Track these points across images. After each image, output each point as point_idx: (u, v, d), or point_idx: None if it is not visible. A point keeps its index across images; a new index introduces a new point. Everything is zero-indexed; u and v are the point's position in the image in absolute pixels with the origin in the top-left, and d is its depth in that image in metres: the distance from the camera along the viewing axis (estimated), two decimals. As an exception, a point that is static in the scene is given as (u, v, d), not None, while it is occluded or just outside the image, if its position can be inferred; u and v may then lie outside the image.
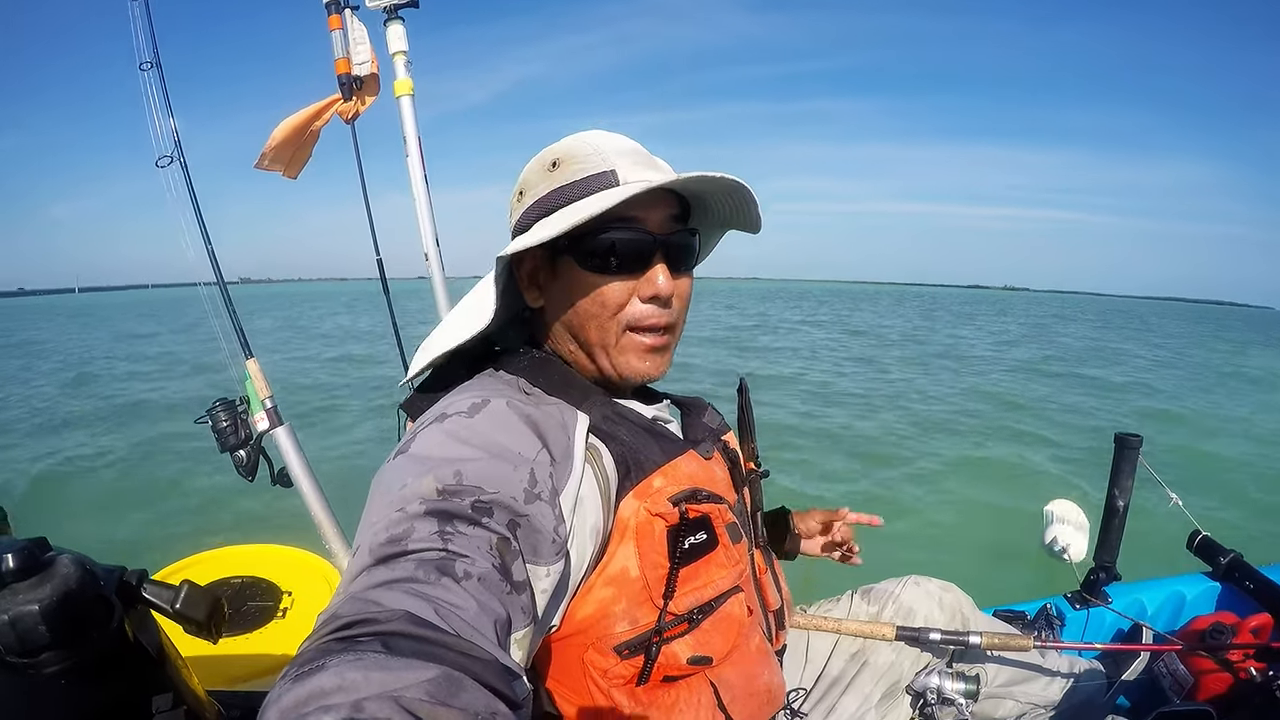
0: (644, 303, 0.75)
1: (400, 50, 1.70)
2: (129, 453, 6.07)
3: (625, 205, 0.70)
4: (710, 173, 0.72)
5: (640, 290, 0.74)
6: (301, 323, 23.32)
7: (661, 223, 0.75)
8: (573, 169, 0.75)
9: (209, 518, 4.36)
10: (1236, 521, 4.43)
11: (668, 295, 0.74)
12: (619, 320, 0.75)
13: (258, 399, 1.71)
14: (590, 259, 0.73)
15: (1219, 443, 6.88)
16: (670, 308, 0.76)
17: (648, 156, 0.78)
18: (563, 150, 0.77)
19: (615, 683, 0.69)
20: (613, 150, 0.76)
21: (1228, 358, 16.56)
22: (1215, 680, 1.33)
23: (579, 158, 0.76)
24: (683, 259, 0.78)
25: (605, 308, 0.74)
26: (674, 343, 0.80)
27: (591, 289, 0.74)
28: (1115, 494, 1.61)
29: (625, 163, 0.74)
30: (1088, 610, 1.64)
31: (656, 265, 0.74)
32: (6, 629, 0.50)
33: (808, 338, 17.65)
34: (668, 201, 0.76)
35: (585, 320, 0.76)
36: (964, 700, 1.15)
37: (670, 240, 0.75)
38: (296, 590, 1.50)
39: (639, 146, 0.79)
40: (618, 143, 0.78)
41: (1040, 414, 7.89)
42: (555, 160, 0.77)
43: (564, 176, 0.75)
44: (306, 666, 0.35)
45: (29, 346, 16.93)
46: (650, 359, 0.77)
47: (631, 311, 0.75)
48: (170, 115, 1.71)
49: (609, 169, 0.74)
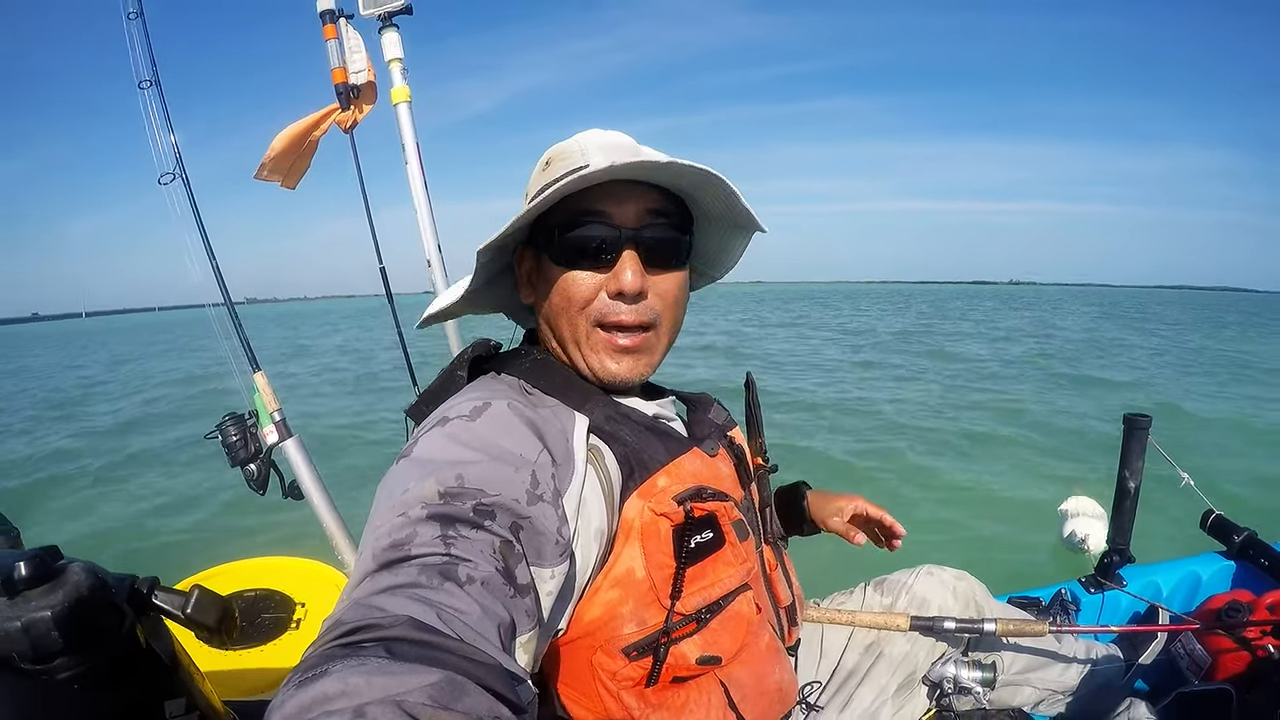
0: (611, 299, 0.73)
1: (396, 58, 1.71)
2: (138, 469, 6.10)
3: (594, 199, 0.71)
4: (659, 156, 0.69)
5: (608, 286, 0.73)
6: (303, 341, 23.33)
7: (635, 216, 0.73)
8: (557, 166, 0.76)
9: (220, 533, 4.38)
10: (1250, 498, 4.40)
11: (634, 291, 0.72)
12: (586, 315, 0.74)
13: (266, 412, 1.72)
14: (560, 254, 0.73)
15: (1227, 420, 6.85)
16: (641, 304, 0.74)
17: (632, 149, 0.77)
18: (555, 149, 0.79)
19: (624, 685, 0.69)
20: (594, 145, 0.76)
21: (1233, 343, 16.40)
22: (1233, 659, 1.32)
23: (565, 155, 0.77)
24: (661, 254, 0.75)
25: (572, 302, 0.74)
26: (658, 344, 0.78)
27: (561, 283, 0.74)
28: (1126, 475, 1.60)
29: (600, 156, 0.73)
30: (1102, 594, 1.63)
31: (625, 260, 0.72)
32: (20, 635, 0.51)
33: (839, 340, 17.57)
34: (644, 196, 0.74)
35: (558, 315, 0.76)
36: (981, 688, 1.14)
37: (641, 234, 0.73)
38: (310, 602, 1.50)
39: (627, 141, 0.79)
40: (604, 138, 0.78)
41: (1050, 406, 7.85)
42: (548, 159, 0.78)
43: (550, 174, 0.75)
44: (310, 672, 0.35)
45: (29, 372, 17.07)
46: (622, 359, 0.75)
47: (598, 306, 0.74)
48: (171, 132, 1.73)
49: (584, 164, 0.73)
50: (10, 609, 0.51)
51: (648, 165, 0.68)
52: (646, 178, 0.72)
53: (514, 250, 0.81)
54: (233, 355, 1.77)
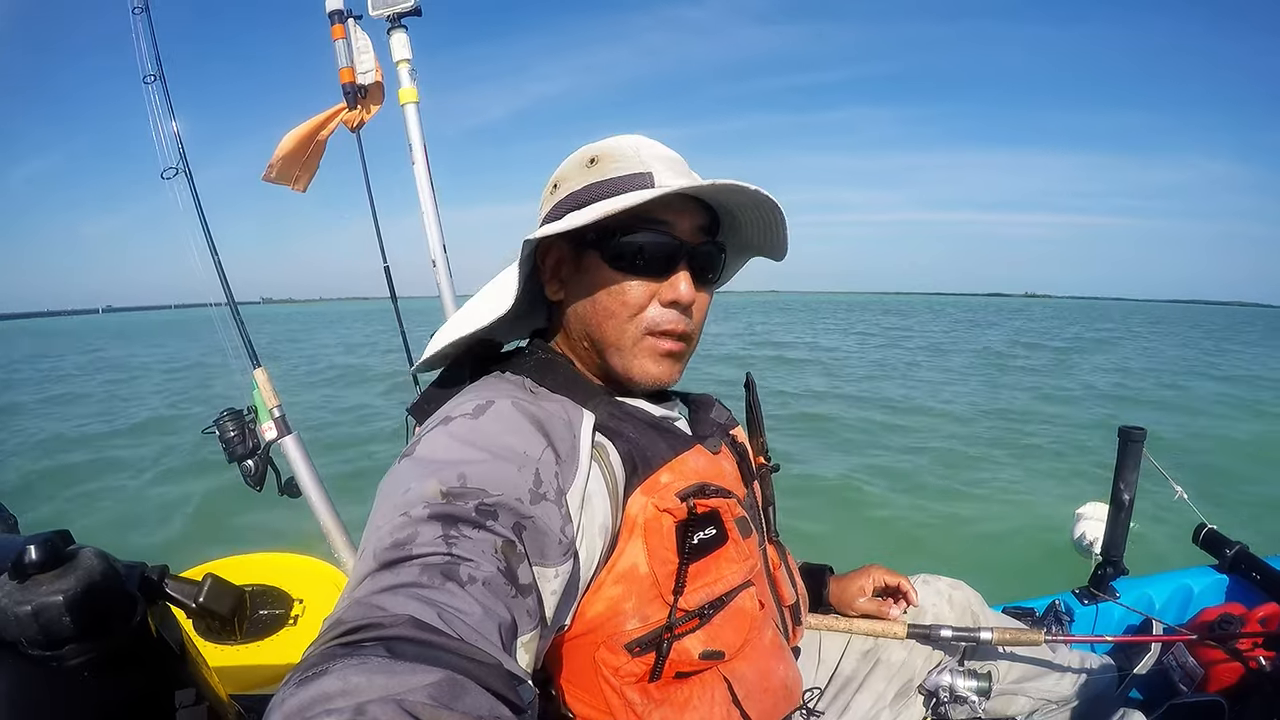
0: (664, 307, 0.75)
1: (404, 58, 1.71)
2: (134, 464, 6.06)
3: (658, 208, 0.71)
4: (745, 183, 0.71)
5: (661, 294, 0.75)
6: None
7: (691, 231, 0.76)
8: (611, 166, 0.76)
9: (217, 528, 4.35)
10: (1241, 513, 4.42)
11: (688, 302, 0.75)
12: (637, 322, 0.75)
13: (265, 408, 1.72)
14: (617, 257, 0.74)
15: (1224, 435, 6.84)
16: (689, 316, 0.77)
17: (685, 166, 0.79)
18: (603, 148, 0.79)
19: (627, 681, 0.69)
20: (651, 154, 0.77)
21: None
22: (1225, 670, 1.33)
23: (618, 156, 0.77)
24: (707, 270, 0.78)
25: (625, 307, 0.75)
26: (689, 353, 0.81)
27: (615, 287, 0.75)
28: (1120, 488, 1.61)
29: (661, 167, 0.75)
30: (1096, 605, 1.64)
31: (680, 271, 0.75)
32: (30, 620, 0.50)
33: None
34: (698, 212, 0.77)
35: (604, 318, 0.76)
36: (976, 698, 1.14)
37: (697, 249, 0.76)
38: (307, 598, 1.49)
39: (678, 155, 0.80)
40: (657, 149, 0.79)
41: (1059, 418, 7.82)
42: (594, 157, 0.78)
43: (601, 173, 0.76)
44: (310, 671, 0.35)
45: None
46: (664, 363, 0.77)
47: (651, 315, 0.75)
48: (175, 127, 1.73)
49: (646, 171, 0.75)
50: (20, 593, 0.51)
51: (742, 189, 0.72)
52: (724, 199, 0.77)
53: (536, 245, 0.81)
54: (234, 351, 1.76)
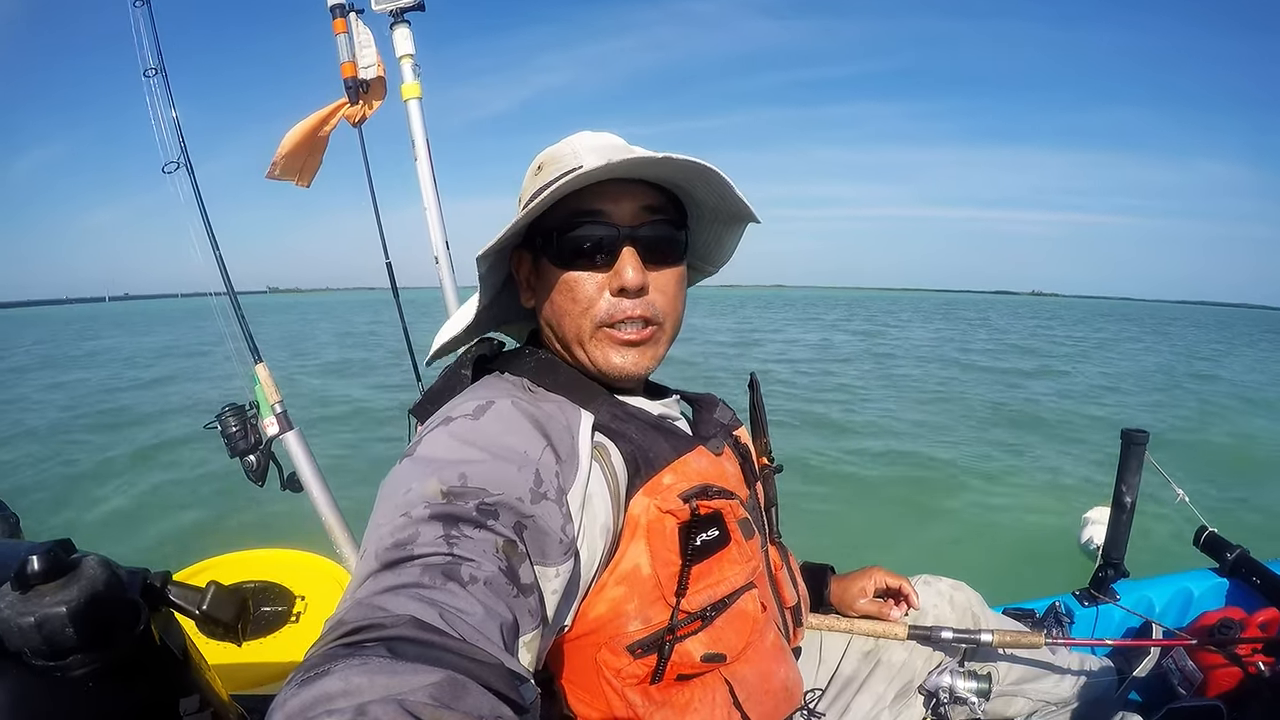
0: (615, 296, 0.74)
1: (407, 54, 1.70)
2: (136, 459, 6.07)
3: (591, 198, 0.71)
4: (652, 153, 0.70)
5: (610, 284, 0.74)
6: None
7: (632, 214, 0.74)
8: (551, 169, 0.77)
9: (219, 523, 4.36)
10: (1243, 516, 4.42)
11: (636, 287, 0.73)
12: (590, 316, 0.75)
13: (267, 404, 1.72)
14: (559, 255, 0.74)
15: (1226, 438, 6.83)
16: (643, 299, 0.75)
17: (625, 149, 0.78)
18: (547, 153, 0.80)
19: (629, 682, 0.69)
20: (584, 147, 0.77)
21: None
22: (1224, 675, 1.33)
23: (557, 158, 0.78)
24: (659, 250, 0.76)
25: (577, 303, 0.75)
26: (662, 336, 0.79)
27: (564, 285, 0.75)
28: (1122, 490, 1.61)
29: (592, 157, 0.74)
30: (1096, 608, 1.64)
31: (624, 257, 0.73)
32: (33, 631, 0.50)
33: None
34: (644, 193, 0.75)
35: (562, 317, 0.76)
36: (976, 699, 1.14)
37: (639, 231, 0.74)
38: (309, 595, 1.50)
39: (619, 141, 0.80)
40: (594, 140, 0.79)
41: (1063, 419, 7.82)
42: (540, 164, 0.80)
43: (544, 178, 0.76)
44: (312, 671, 0.35)
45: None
46: (628, 353, 0.76)
47: (603, 307, 0.74)
48: (176, 121, 1.72)
49: (577, 165, 0.73)
50: (23, 604, 0.50)
51: (643, 161, 0.69)
52: (642, 174, 0.74)
53: (510, 255, 0.81)
54: (234, 348, 1.76)
